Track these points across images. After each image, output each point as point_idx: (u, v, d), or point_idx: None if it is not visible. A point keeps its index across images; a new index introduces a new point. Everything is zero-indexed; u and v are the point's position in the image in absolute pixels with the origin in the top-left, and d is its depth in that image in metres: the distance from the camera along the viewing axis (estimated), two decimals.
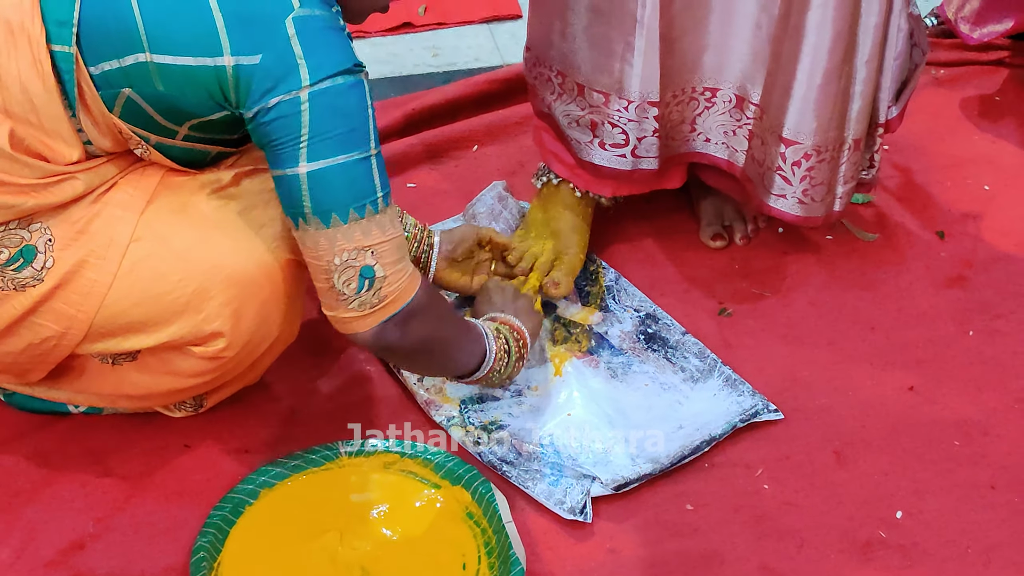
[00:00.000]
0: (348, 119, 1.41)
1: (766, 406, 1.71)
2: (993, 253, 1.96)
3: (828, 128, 1.76)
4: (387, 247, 1.46)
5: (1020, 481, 1.65)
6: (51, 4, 1.39)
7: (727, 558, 1.56)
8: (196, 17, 1.38)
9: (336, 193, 1.42)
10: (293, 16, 1.38)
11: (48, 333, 1.51)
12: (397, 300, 1.49)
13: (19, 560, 1.53)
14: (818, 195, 1.81)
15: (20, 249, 1.47)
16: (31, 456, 1.64)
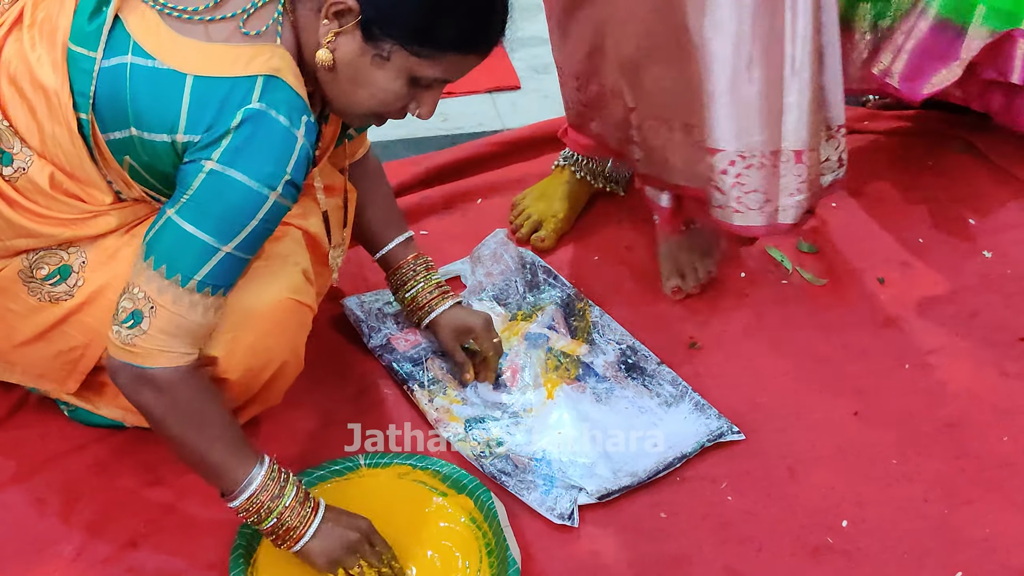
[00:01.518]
0: (226, 210, 1.34)
1: (730, 428, 1.71)
2: (926, 297, 1.95)
3: (750, 132, 1.65)
4: (166, 314, 1.35)
5: (949, 495, 1.64)
6: (76, 77, 1.39)
7: (695, 560, 1.55)
8: (169, 99, 1.35)
9: (169, 248, 1.35)
10: (246, 108, 1.33)
11: (75, 343, 1.51)
12: (140, 357, 1.37)
13: (80, 557, 1.53)
14: (753, 203, 1.71)
15: (58, 267, 1.48)
16: (91, 465, 1.64)
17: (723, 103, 1.60)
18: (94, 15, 1.38)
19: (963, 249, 2.04)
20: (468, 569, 1.51)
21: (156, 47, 1.36)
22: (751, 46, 1.56)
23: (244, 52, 1.35)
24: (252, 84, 1.34)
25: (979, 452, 1.71)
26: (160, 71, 1.35)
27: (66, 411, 1.68)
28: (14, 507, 1.58)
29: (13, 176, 1.44)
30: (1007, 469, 1.68)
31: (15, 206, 1.44)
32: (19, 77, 1.42)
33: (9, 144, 1.43)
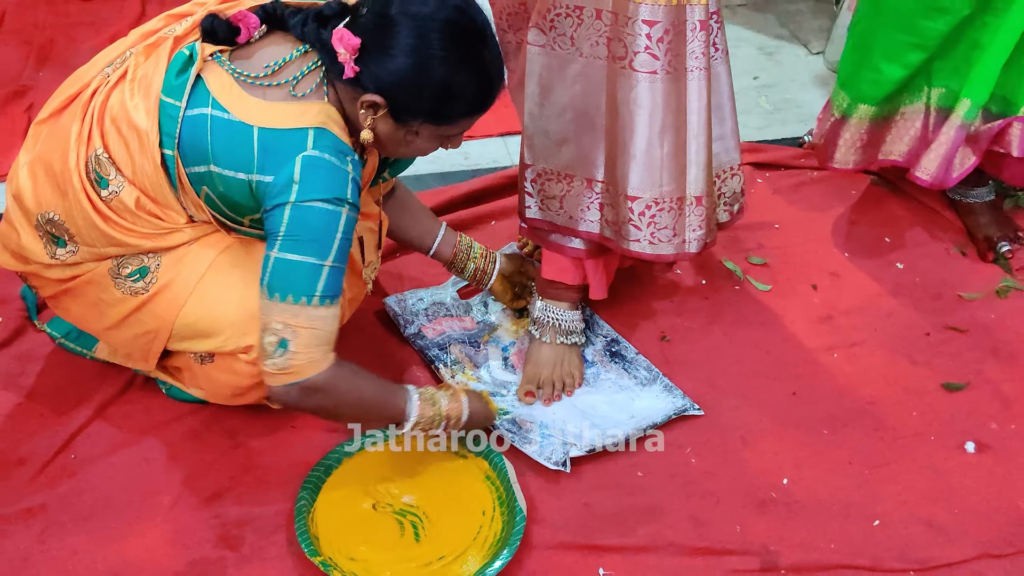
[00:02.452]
0: (315, 232, 1.35)
1: (692, 405, 1.71)
2: (851, 300, 1.95)
3: (661, 184, 1.61)
4: (306, 332, 1.35)
5: (869, 459, 1.65)
6: (164, 121, 1.40)
7: (666, 510, 1.57)
8: (242, 145, 1.37)
9: (286, 279, 1.35)
10: (304, 155, 1.35)
11: (147, 328, 1.51)
12: (298, 373, 1.37)
13: (176, 505, 1.55)
14: (664, 237, 1.66)
15: (138, 268, 1.49)
16: (184, 433, 1.65)
17: (640, 162, 1.59)
18: (180, 73, 1.41)
19: (880, 262, 2.03)
20: (485, 516, 1.53)
21: (229, 102, 1.38)
22: (662, 119, 1.56)
23: (296, 109, 1.38)
24: (305, 134, 1.36)
25: (893, 425, 1.71)
26: (233, 122, 1.37)
27: (164, 389, 1.69)
28: (124, 466, 1.60)
29: (108, 197, 1.45)
30: (915, 438, 1.69)
31: (109, 221, 1.45)
32: (119, 119, 1.43)
33: (107, 172, 1.44)
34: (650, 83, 1.54)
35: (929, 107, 1.93)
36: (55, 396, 1.69)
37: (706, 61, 1.56)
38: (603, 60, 1.56)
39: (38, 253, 1.52)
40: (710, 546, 1.52)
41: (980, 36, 1.82)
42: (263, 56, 1.42)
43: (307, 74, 1.41)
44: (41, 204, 1.49)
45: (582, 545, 1.52)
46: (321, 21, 1.41)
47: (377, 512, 1.53)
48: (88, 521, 1.52)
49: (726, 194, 1.77)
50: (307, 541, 1.47)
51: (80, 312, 1.57)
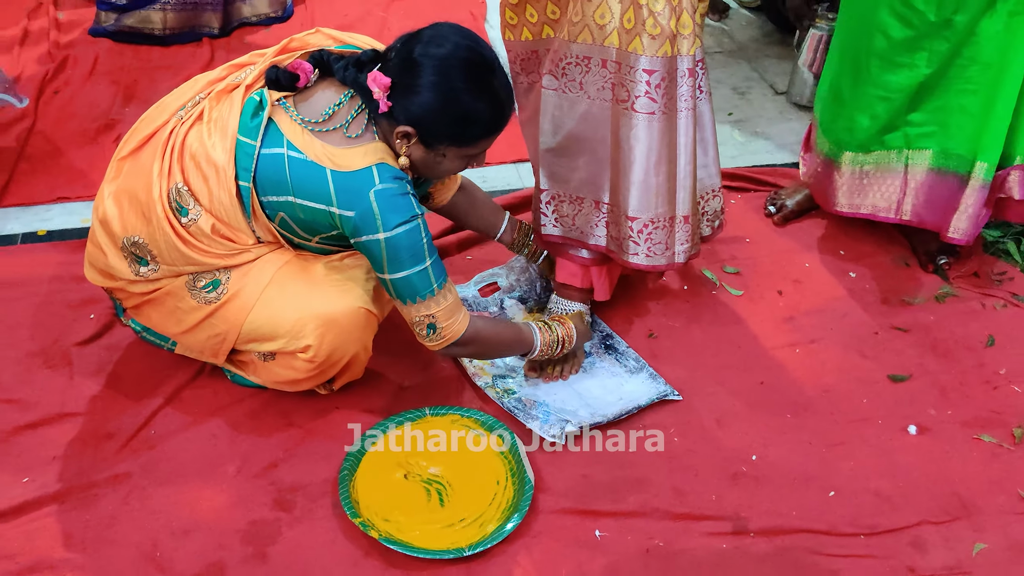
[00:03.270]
0: (409, 249, 1.41)
1: (672, 391, 1.71)
2: (811, 304, 1.94)
3: (656, 206, 1.63)
4: (442, 313, 1.47)
5: (825, 439, 1.65)
6: (241, 157, 1.42)
7: (652, 481, 1.57)
8: (319, 182, 1.40)
9: (408, 289, 1.44)
10: (374, 190, 1.39)
11: (218, 331, 1.53)
12: (451, 337, 1.49)
13: (239, 474, 1.55)
14: (658, 251, 1.68)
15: (211, 280, 1.50)
16: (246, 412, 1.66)
17: (638, 188, 1.60)
18: (253, 117, 1.43)
19: (836, 271, 2.02)
20: (499, 485, 1.53)
21: (302, 145, 1.41)
22: (658, 153, 1.58)
23: (357, 152, 1.41)
24: (370, 172, 1.40)
25: (846, 409, 1.71)
26: (309, 163, 1.40)
27: (229, 376, 1.70)
28: (195, 440, 1.61)
29: (188, 224, 1.46)
30: (865, 422, 1.69)
31: (188, 244, 1.47)
32: (198, 156, 1.45)
33: (187, 202, 1.45)
34: (648, 122, 1.56)
35: (908, 168, 1.86)
36: (138, 381, 1.71)
37: (693, 102, 1.58)
38: (608, 102, 1.58)
39: (123, 271, 1.53)
40: (690, 512, 1.52)
41: (966, 102, 1.75)
42: (318, 101, 1.45)
43: (356, 117, 1.44)
44: (127, 229, 1.50)
45: (581, 510, 1.52)
46: (359, 66, 1.44)
47: (408, 481, 1.54)
48: (165, 486, 1.54)
49: (708, 212, 1.78)
50: (349, 505, 1.48)
51: (159, 318, 1.58)
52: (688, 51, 1.51)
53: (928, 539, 1.50)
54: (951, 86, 1.76)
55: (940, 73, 1.75)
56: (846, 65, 1.87)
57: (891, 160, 1.89)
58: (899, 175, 1.89)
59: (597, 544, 1.48)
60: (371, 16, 2.85)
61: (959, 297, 1.96)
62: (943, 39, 1.70)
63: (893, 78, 1.78)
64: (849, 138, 1.90)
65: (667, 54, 1.50)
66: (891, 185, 1.91)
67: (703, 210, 1.76)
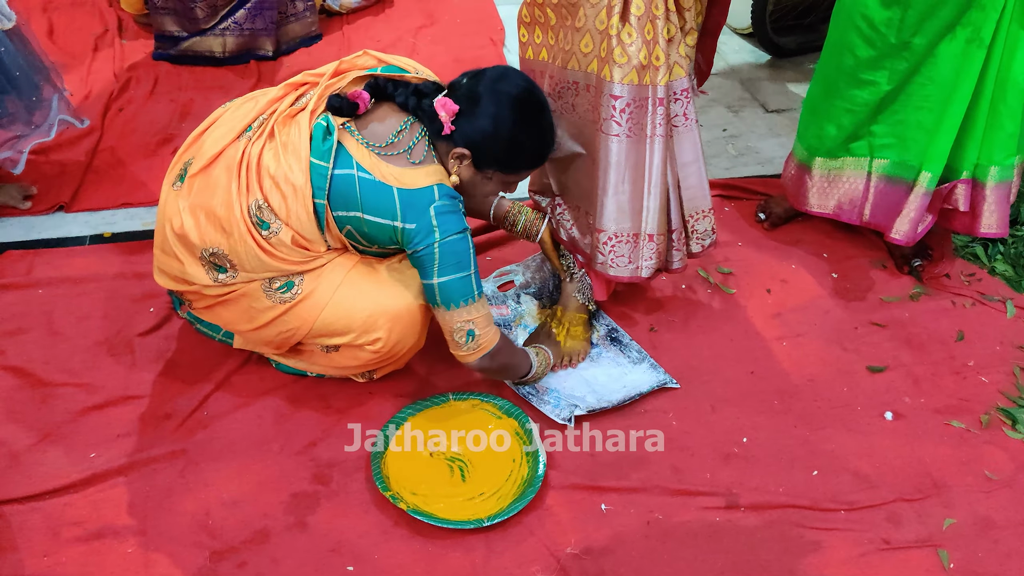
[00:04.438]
0: (458, 256, 1.44)
1: (671, 380, 1.70)
2: (798, 300, 1.94)
3: (619, 221, 1.61)
4: (480, 319, 1.48)
5: (810, 424, 1.65)
6: (315, 178, 1.44)
7: (652, 460, 1.57)
8: (387, 200, 1.43)
9: (452, 294, 1.45)
10: (434, 205, 1.43)
11: (290, 327, 1.53)
12: (487, 345, 1.50)
13: (282, 451, 1.56)
14: (620, 263, 1.65)
15: (286, 282, 1.50)
16: (288, 397, 1.66)
17: (605, 203, 1.59)
18: (324, 140, 1.44)
19: (819, 272, 2.02)
20: (515, 463, 1.54)
21: (371, 167, 1.44)
22: (623, 172, 1.56)
23: (421, 172, 1.45)
24: (431, 190, 1.44)
25: (828, 396, 1.71)
26: (378, 183, 1.43)
27: (273, 364, 1.70)
28: (245, 420, 1.62)
29: (268, 236, 1.46)
30: (845, 408, 1.69)
31: (269, 254, 1.47)
32: (277, 177, 1.44)
33: (268, 217, 1.45)
34: (614, 143, 1.55)
35: (871, 175, 1.86)
36: (192, 368, 1.71)
37: (666, 129, 1.56)
38: (592, 123, 1.58)
39: (201, 278, 1.52)
40: (687, 488, 1.53)
41: (922, 118, 1.75)
42: (381, 127, 1.47)
43: (417, 143, 1.47)
44: (205, 241, 1.49)
45: (588, 486, 1.52)
46: (419, 95, 1.48)
47: (433, 459, 1.54)
48: (217, 462, 1.54)
49: (699, 231, 1.75)
50: (380, 480, 1.48)
51: (231, 317, 1.57)
52: (660, 81, 1.50)
53: (902, 514, 1.51)
54: (909, 102, 1.76)
55: (899, 89, 1.76)
56: (820, 80, 1.89)
57: (857, 167, 1.89)
58: (862, 180, 1.89)
59: (603, 516, 1.48)
60: (402, 42, 2.84)
61: (931, 296, 1.95)
62: (902, 59, 1.71)
63: (858, 93, 1.78)
64: (819, 145, 1.91)
65: (633, 82, 1.49)
66: (855, 189, 1.91)
67: (692, 228, 1.74)
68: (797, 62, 2.79)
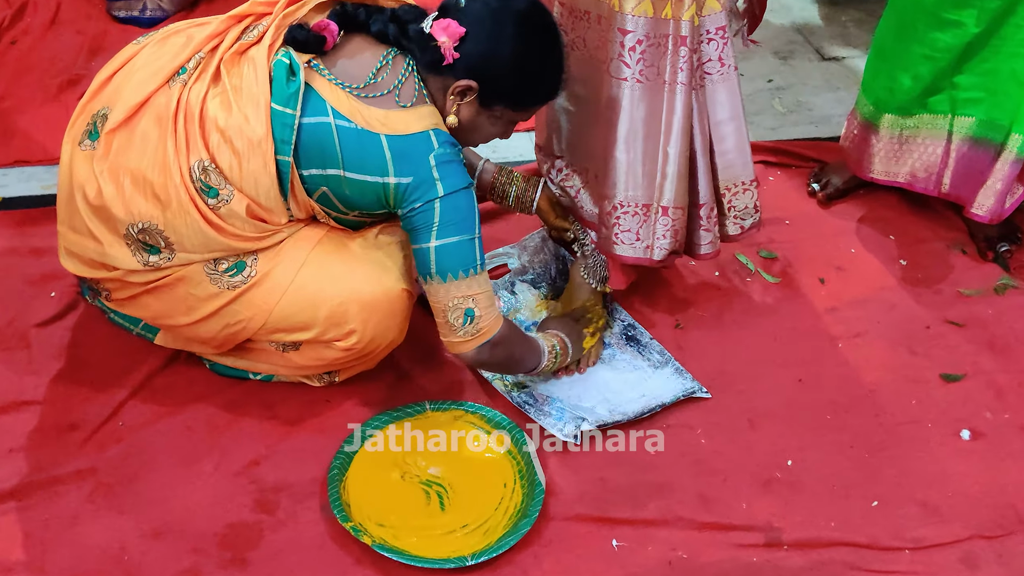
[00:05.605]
0: (461, 214, 1.46)
1: (700, 388, 1.73)
2: (855, 293, 1.96)
3: (626, 188, 1.61)
4: (482, 297, 1.49)
5: (869, 443, 1.68)
6: (279, 130, 1.43)
7: (675, 487, 1.59)
8: (374, 151, 1.44)
9: (451, 260, 1.46)
10: (434, 154, 1.44)
11: (240, 318, 1.53)
12: (488, 331, 1.50)
13: (216, 471, 1.57)
14: (626, 240, 1.65)
15: (235, 263, 1.50)
16: (224, 404, 1.67)
17: (609, 163, 1.59)
18: (288, 82, 1.44)
19: (884, 258, 2.04)
20: (506, 488, 1.55)
21: (350, 113, 1.44)
22: (629, 126, 1.56)
23: (412, 115, 1.45)
24: (428, 136, 1.45)
25: (892, 411, 1.73)
26: (361, 131, 1.43)
27: (207, 364, 1.71)
28: (170, 433, 1.62)
29: (216, 206, 1.45)
30: (913, 425, 1.71)
31: (217, 229, 1.46)
32: (228, 130, 1.43)
33: (216, 182, 1.45)
34: (618, 88, 1.56)
35: (952, 136, 1.90)
36: (105, 367, 1.71)
37: (689, 75, 1.55)
38: (601, 62, 1.59)
39: (126, 261, 1.50)
40: (717, 521, 1.54)
41: (1017, 68, 1.78)
42: (354, 65, 1.46)
43: (405, 81, 1.48)
44: (133, 214, 1.47)
45: (596, 517, 1.54)
46: (399, 22, 1.48)
47: (405, 482, 1.55)
48: (134, 484, 1.54)
49: (737, 207, 1.76)
50: (339, 507, 1.49)
51: (162, 308, 1.55)
52: (684, 15, 1.49)
53: (980, 555, 1.52)
54: (1002, 48, 1.78)
55: (990, 32, 1.75)
56: (892, 20, 1.89)
57: (935, 126, 1.90)
58: (942, 142, 1.90)
59: (614, 555, 1.49)
60: None
61: (1020, 289, 1.98)
62: None
63: (939, 36, 1.78)
64: (889, 99, 1.91)
65: (647, 14, 1.49)
66: (932, 153, 1.92)
67: (729, 204, 1.74)
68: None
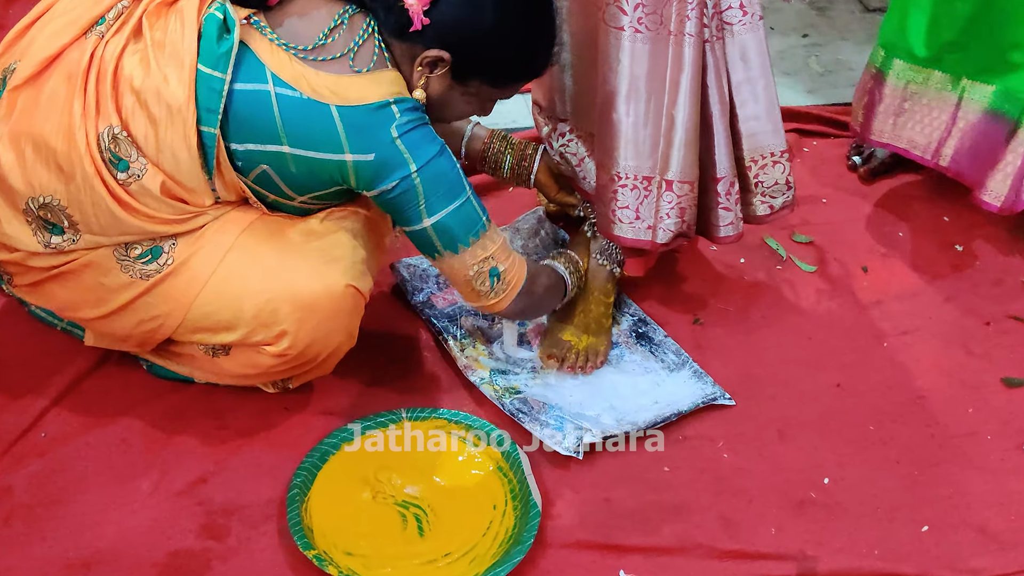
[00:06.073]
0: (446, 181, 1.47)
1: (722, 394, 1.72)
2: (904, 284, 1.95)
3: (624, 157, 1.62)
4: (499, 251, 1.55)
5: (919, 458, 1.66)
6: (204, 95, 1.41)
7: (693, 508, 1.57)
8: (324, 125, 1.41)
9: (455, 232, 1.49)
10: (396, 124, 1.42)
11: (157, 312, 1.51)
12: (517, 280, 1.58)
13: (156, 490, 1.55)
14: (625, 218, 1.67)
15: (150, 248, 1.49)
16: (166, 411, 1.66)
17: (604, 127, 1.59)
18: (220, 40, 1.40)
19: (938, 242, 2.03)
20: (496, 510, 1.53)
21: (293, 79, 1.41)
22: (628, 84, 1.57)
23: (368, 81, 1.43)
24: (387, 105, 1.42)
25: (946, 421, 1.72)
26: (306, 101, 1.40)
27: (145, 366, 1.70)
28: (100, 446, 1.60)
29: (127, 181, 1.44)
30: (970, 437, 1.70)
31: (127, 208, 1.44)
32: (143, 92, 1.42)
33: (127, 153, 1.43)
34: (616, 39, 1.54)
35: (961, 102, 1.90)
36: (24, 368, 1.70)
37: (698, 25, 1.53)
38: (595, 8, 1.57)
39: (26, 242, 1.49)
40: (742, 549, 1.53)
41: None
42: (302, 25, 1.44)
43: (363, 44, 1.45)
44: (34, 187, 1.45)
45: (602, 544, 1.53)
46: None
47: (377, 503, 1.54)
48: (59, 506, 1.52)
49: (765, 183, 1.75)
50: (300, 533, 1.47)
51: (69, 298, 1.54)
52: None
53: None
54: None
55: None
56: None
57: (944, 87, 1.89)
58: (948, 109, 1.90)
59: None
60: None
61: None
62: None
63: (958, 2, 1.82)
64: (900, 41, 1.90)
65: None
66: (935, 119, 1.92)
67: (756, 179, 1.73)
68: None
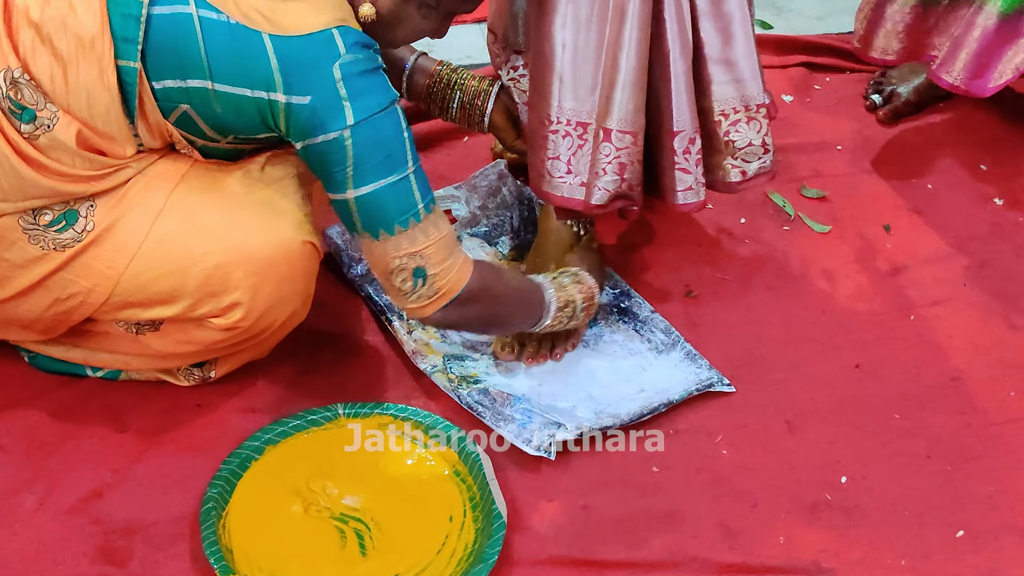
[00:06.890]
0: (385, 147, 1.45)
1: (720, 379, 1.73)
2: (934, 246, 1.97)
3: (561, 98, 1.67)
4: (433, 249, 1.51)
5: (952, 451, 1.68)
6: (119, 23, 1.42)
7: (688, 516, 1.58)
8: (254, 57, 1.42)
9: (381, 212, 1.48)
10: (340, 63, 1.42)
11: (76, 289, 1.52)
12: (450, 290, 1.53)
13: (42, 507, 1.55)
14: (556, 171, 1.71)
15: (63, 213, 1.49)
16: (53, 412, 1.65)
17: (538, 63, 1.63)
18: None
19: (974, 196, 2.05)
20: (452, 523, 1.54)
21: (220, 2, 1.41)
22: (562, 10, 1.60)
23: (307, 7, 1.43)
24: (331, 37, 1.42)
25: (984, 407, 1.74)
26: (235, 27, 1.41)
27: (26, 357, 1.70)
28: None
29: (34, 134, 1.45)
30: (1013, 425, 1.72)
31: (36, 166, 1.46)
32: (45, 25, 1.43)
33: (32, 99, 1.44)
34: None
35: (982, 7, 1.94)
36: None
37: None
38: None
39: None
40: (745, 562, 1.54)
41: None
42: None
43: None
44: None
45: (579, 560, 1.54)
46: None
47: (309, 517, 1.55)
48: None
49: (737, 143, 1.77)
50: (217, 555, 1.48)
51: None
52: None
53: None
54: None
55: None
56: None
57: None
58: (961, 17, 1.94)
59: None
60: None
61: None
62: None
63: None
64: None
65: None
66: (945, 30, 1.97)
67: (727, 139, 1.75)
68: None
